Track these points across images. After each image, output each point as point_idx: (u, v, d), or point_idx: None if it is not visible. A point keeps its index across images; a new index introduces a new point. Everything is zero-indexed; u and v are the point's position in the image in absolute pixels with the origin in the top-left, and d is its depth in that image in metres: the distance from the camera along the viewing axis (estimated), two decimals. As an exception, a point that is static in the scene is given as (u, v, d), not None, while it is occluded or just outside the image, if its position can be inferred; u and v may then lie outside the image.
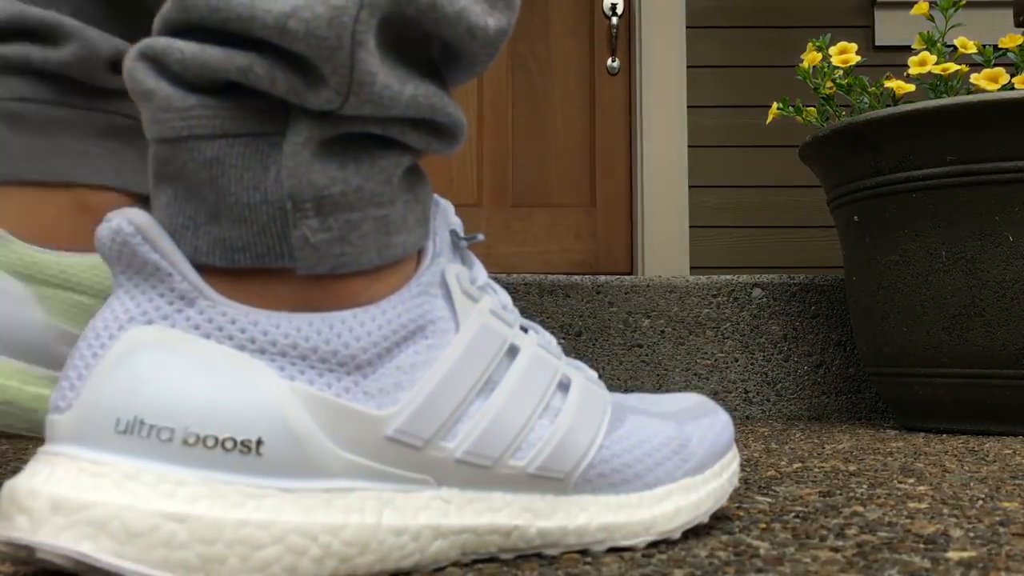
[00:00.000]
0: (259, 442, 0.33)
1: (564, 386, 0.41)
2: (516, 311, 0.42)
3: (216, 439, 0.32)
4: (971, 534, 0.45)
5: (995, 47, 1.07)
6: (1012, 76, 1.03)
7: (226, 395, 0.33)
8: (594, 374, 0.45)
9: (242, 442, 0.33)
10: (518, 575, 0.37)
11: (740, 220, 2.02)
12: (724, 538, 0.44)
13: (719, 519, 0.49)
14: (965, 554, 0.41)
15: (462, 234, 0.42)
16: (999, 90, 1.02)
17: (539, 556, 0.40)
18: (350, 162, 0.36)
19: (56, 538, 0.30)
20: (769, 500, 0.55)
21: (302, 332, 0.34)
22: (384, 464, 0.35)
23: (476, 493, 0.38)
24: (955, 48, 1.09)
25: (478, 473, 0.38)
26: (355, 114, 0.35)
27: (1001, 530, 0.46)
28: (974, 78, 1.04)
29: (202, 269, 0.35)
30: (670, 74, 2.05)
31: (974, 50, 1.08)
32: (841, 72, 1.14)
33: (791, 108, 1.21)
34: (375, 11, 0.34)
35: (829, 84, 1.15)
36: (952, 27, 1.10)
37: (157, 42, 0.34)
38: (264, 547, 0.32)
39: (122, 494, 0.31)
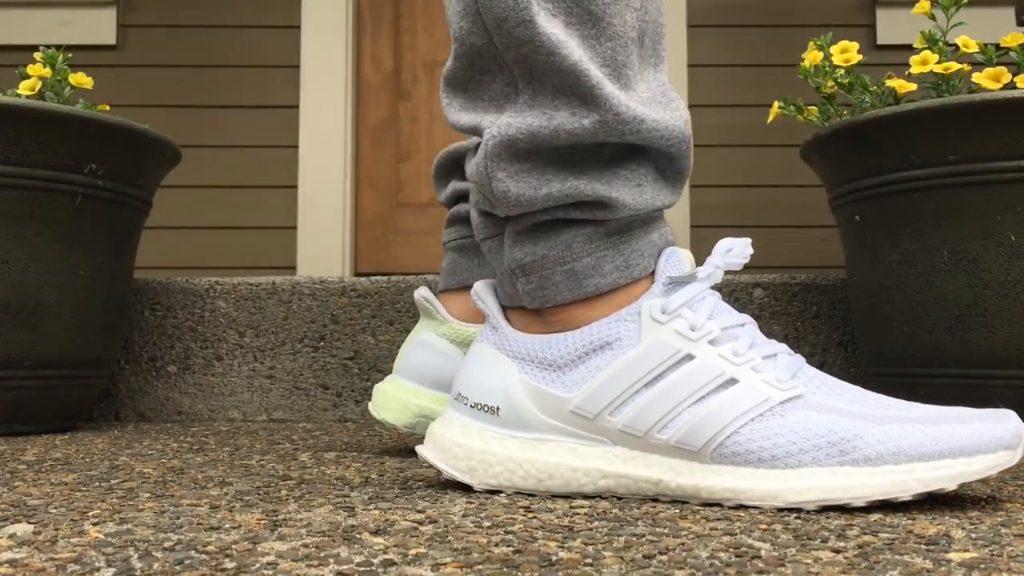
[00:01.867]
0: (497, 408, 0.59)
1: (730, 383, 0.55)
2: (758, 341, 0.57)
3: (480, 404, 0.60)
4: (973, 535, 0.45)
5: (997, 46, 1.07)
6: (1014, 75, 1.03)
7: (490, 380, 0.60)
8: (791, 388, 0.55)
9: (490, 407, 0.59)
10: (518, 575, 0.37)
11: (741, 220, 2.01)
12: (725, 539, 0.44)
13: (720, 519, 0.49)
14: (967, 555, 0.40)
15: (687, 271, 0.59)
16: (1001, 89, 1.01)
17: (539, 556, 0.40)
18: (538, 240, 0.59)
19: (423, 450, 0.62)
20: (770, 501, 0.55)
21: (532, 346, 0.59)
22: (571, 427, 0.58)
23: (638, 453, 0.56)
24: (957, 47, 1.08)
25: (635, 440, 0.56)
26: (515, 215, 0.59)
27: (1003, 531, 0.46)
28: (976, 77, 1.04)
29: (506, 308, 0.63)
30: (671, 73, 2.05)
31: (976, 49, 1.07)
32: (842, 71, 1.13)
33: (792, 107, 1.20)
34: (502, 153, 0.57)
35: (830, 83, 1.15)
36: (954, 26, 1.10)
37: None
38: (494, 465, 0.59)
39: (443, 430, 0.61)
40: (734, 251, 0.59)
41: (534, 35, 0.55)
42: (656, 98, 0.60)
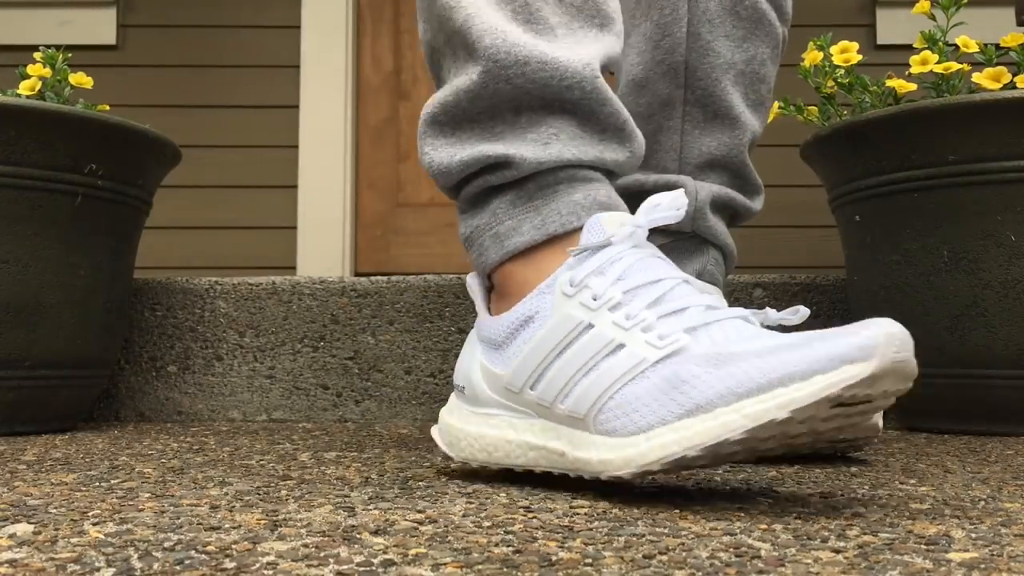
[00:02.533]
0: (463, 387, 0.63)
1: (618, 349, 0.53)
2: (670, 297, 0.54)
3: (457, 384, 0.65)
4: (973, 535, 0.45)
5: (997, 46, 1.07)
6: (1014, 75, 1.03)
7: (464, 362, 0.64)
8: (671, 343, 0.52)
9: (460, 386, 0.64)
10: (518, 575, 0.37)
11: (741, 219, 2.01)
12: (725, 539, 0.44)
13: (720, 520, 0.49)
14: (967, 555, 0.40)
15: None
16: (1001, 89, 1.01)
17: (539, 556, 0.40)
18: (474, 214, 0.65)
19: (433, 430, 0.67)
20: (770, 501, 0.55)
21: (486, 328, 0.62)
22: (508, 401, 0.60)
23: (550, 424, 0.57)
24: (957, 47, 1.08)
25: (547, 411, 0.57)
26: (444, 187, 0.66)
27: (1003, 531, 0.46)
28: (976, 77, 1.04)
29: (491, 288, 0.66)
30: (671, 73, 2.05)
31: (976, 49, 1.07)
32: (842, 71, 1.14)
33: (792, 107, 1.20)
34: (427, 130, 0.65)
35: (830, 83, 1.15)
36: (954, 26, 1.10)
37: None
38: (462, 440, 0.63)
39: (443, 410, 0.66)
40: (663, 205, 0.55)
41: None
42: (571, 46, 0.62)
